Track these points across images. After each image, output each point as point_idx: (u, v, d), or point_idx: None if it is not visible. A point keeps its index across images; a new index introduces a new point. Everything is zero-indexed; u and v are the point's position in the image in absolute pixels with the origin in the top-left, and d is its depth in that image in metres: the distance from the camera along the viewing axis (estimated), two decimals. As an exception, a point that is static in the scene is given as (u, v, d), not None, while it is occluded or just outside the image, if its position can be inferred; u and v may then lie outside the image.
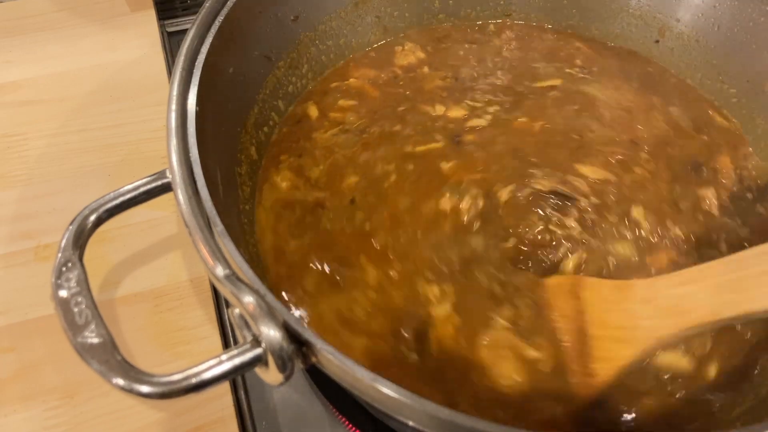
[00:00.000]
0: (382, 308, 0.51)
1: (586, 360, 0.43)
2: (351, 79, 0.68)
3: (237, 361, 0.36)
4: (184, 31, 0.55)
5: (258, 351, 0.36)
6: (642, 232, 0.54)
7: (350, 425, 0.54)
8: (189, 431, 0.51)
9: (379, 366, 0.47)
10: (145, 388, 0.35)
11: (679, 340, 0.43)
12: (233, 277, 0.38)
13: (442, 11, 0.74)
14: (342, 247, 0.54)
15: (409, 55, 0.70)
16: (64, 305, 0.38)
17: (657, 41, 0.70)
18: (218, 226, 0.40)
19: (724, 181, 0.59)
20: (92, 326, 0.37)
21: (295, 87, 0.66)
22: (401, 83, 0.67)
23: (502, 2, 0.74)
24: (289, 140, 0.62)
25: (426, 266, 0.52)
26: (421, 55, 0.71)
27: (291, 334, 0.36)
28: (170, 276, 0.59)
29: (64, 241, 0.41)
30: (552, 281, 0.49)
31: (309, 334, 0.36)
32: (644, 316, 0.41)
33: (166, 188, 0.44)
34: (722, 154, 0.61)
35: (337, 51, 0.69)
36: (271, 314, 0.36)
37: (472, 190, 0.56)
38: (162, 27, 0.85)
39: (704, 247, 0.54)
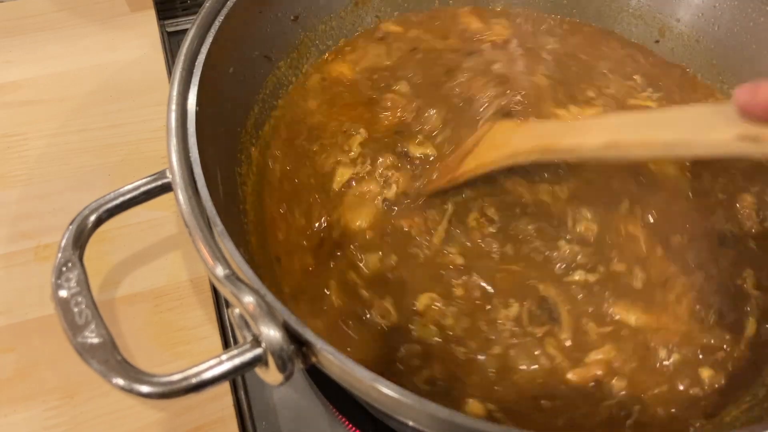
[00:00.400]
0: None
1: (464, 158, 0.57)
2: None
3: (237, 361, 0.36)
4: (184, 31, 0.55)
5: (258, 351, 0.36)
6: None
7: (350, 425, 0.54)
8: (189, 431, 0.51)
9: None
10: (145, 388, 0.35)
11: (531, 158, 0.53)
12: (233, 277, 0.38)
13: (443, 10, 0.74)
14: None
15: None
16: (64, 305, 0.38)
17: (657, 41, 0.70)
18: (218, 226, 0.40)
19: None
20: (92, 326, 0.37)
21: (295, 87, 0.65)
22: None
23: (501, 3, 0.74)
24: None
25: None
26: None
27: (291, 334, 0.36)
28: (170, 276, 0.59)
29: (64, 241, 0.41)
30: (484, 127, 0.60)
31: (309, 334, 0.36)
32: (518, 137, 0.54)
33: (166, 188, 0.44)
34: None
35: (337, 51, 0.69)
36: (271, 314, 0.36)
37: None
38: (162, 27, 0.85)
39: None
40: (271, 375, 0.36)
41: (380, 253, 0.53)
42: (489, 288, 0.51)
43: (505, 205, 0.55)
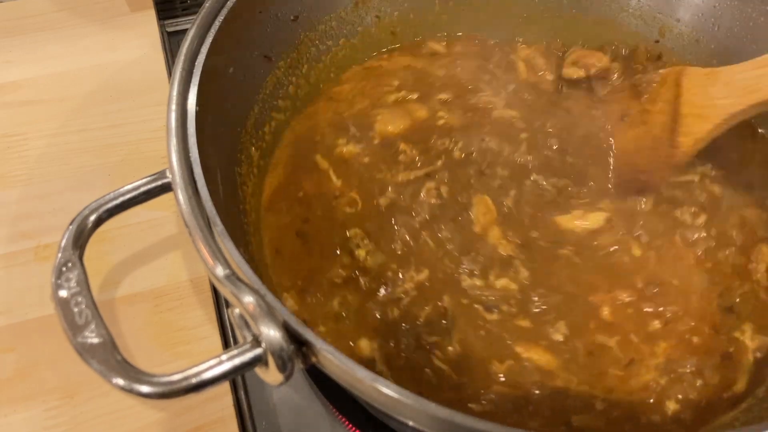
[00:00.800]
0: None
1: (675, 135, 0.55)
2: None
3: (237, 361, 0.36)
4: (184, 31, 0.55)
5: (258, 351, 0.36)
6: None
7: (350, 425, 0.54)
8: (189, 431, 0.51)
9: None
10: (145, 388, 0.35)
11: (747, 116, 0.52)
12: (233, 277, 0.38)
13: (443, 12, 0.74)
14: None
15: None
16: (64, 305, 0.38)
17: (657, 41, 0.70)
18: (218, 226, 0.40)
19: None
20: (92, 326, 0.37)
21: (295, 87, 0.66)
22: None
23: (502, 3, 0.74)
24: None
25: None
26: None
27: (291, 334, 0.36)
28: (170, 276, 0.59)
29: (64, 241, 0.41)
30: (664, 72, 0.59)
31: (309, 334, 0.36)
32: (722, 95, 0.52)
33: (166, 188, 0.44)
34: None
35: (336, 51, 0.69)
36: (271, 314, 0.36)
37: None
38: (162, 27, 0.85)
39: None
40: (271, 375, 0.36)
41: None
42: None
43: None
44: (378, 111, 0.64)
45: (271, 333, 0.35)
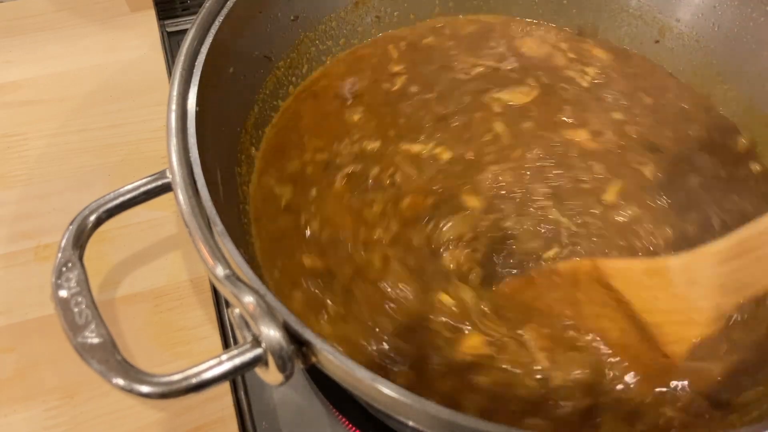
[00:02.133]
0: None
1: (655, 346, 0.43)
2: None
3: (237, 361, 0.36)
4: (184, 31, 0.55)
5: (258, 351, 0.36)
6: None
7: (350, 425, 0.54)
8: (189, 431, 0.51)
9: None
10: (145, 388, 0.35)
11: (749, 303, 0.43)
12: (233, 277, 0.38)
13: (442, 13, 0.74)
14: None
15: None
16: (64, 305, 0.38)
17: (657, 41, 0.70)
18: (218, 226, 0.40)
19: None
20: (92, 326, 0.37)
21: (295, 87, 0.66)
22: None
23: (502, 3, 0.74)
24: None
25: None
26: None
27: (291, 334, 0.36)
28: (170, 276, 0.59)
29: (64, 241, 0.41)
30: (563, 269, 0.47)
31: (309, 334, 0.36)
32: (699, 297, 0.40)
33: (166, 188, 0.44)
34: None
35: (336, 51, 0.69)
36: (271, 314, 0.36)
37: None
38: (162, 27, 0.85)
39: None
40: (271, 375, 0.36)
41: None
42: None
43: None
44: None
45: (271, 333, 0.35)
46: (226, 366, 0.36)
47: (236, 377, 0.56)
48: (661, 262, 0.42)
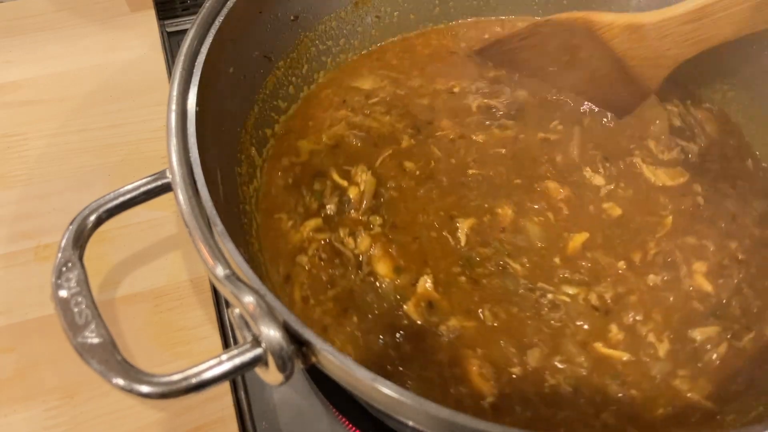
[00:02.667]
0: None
1: (630, 80, 0.58)
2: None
3: (237, 361, 0.36)
4: (184, 31, 0.55)
5: (258, 351, 0.36)
6: None
7: (350, 425, 0.54)
8: (189, 431, 0.51)
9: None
10: (145, 388, 0.35)
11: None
12: (233, 277, 0.38)
13: (442, 13, 0.74)
14: None
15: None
16: (64, 305, 0.38)
17: (657, 41, 0.70)
18: (218, 226, 0.40)
19: None
20: (92, 326, 0.37)
21: (295, 87, 0.66)
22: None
23: (502, 4, 0.74)
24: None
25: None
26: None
27: (291, 334, 0.36)
28: (170, 276, 0.59)
29: (64, 241, 0.41)
30: (563, 18, 0.59)
31: (309, 334, 0.36)
32: (666, 47, 0.55)
33: (166, 188, 0.44)
34: None
35: (336, 51, 0.69)
36: (271, 314, 0.36)
37: None
38: (162, 27, 0.85)
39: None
40: (271, 375, 0.36)
41: None
42: None
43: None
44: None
45: (271, 333, 0.35)
46: (226, 366, 0.36)
47: (236, 377, 0.56)
48: (639, 18, 0.55)
